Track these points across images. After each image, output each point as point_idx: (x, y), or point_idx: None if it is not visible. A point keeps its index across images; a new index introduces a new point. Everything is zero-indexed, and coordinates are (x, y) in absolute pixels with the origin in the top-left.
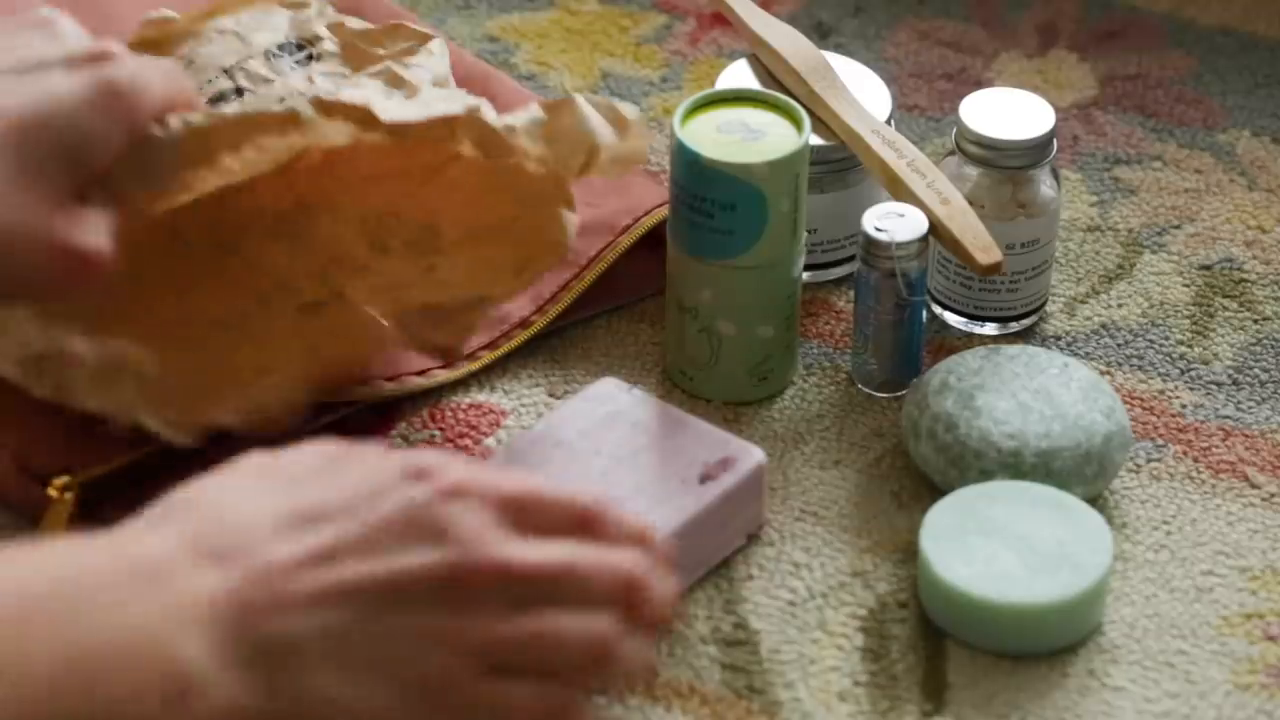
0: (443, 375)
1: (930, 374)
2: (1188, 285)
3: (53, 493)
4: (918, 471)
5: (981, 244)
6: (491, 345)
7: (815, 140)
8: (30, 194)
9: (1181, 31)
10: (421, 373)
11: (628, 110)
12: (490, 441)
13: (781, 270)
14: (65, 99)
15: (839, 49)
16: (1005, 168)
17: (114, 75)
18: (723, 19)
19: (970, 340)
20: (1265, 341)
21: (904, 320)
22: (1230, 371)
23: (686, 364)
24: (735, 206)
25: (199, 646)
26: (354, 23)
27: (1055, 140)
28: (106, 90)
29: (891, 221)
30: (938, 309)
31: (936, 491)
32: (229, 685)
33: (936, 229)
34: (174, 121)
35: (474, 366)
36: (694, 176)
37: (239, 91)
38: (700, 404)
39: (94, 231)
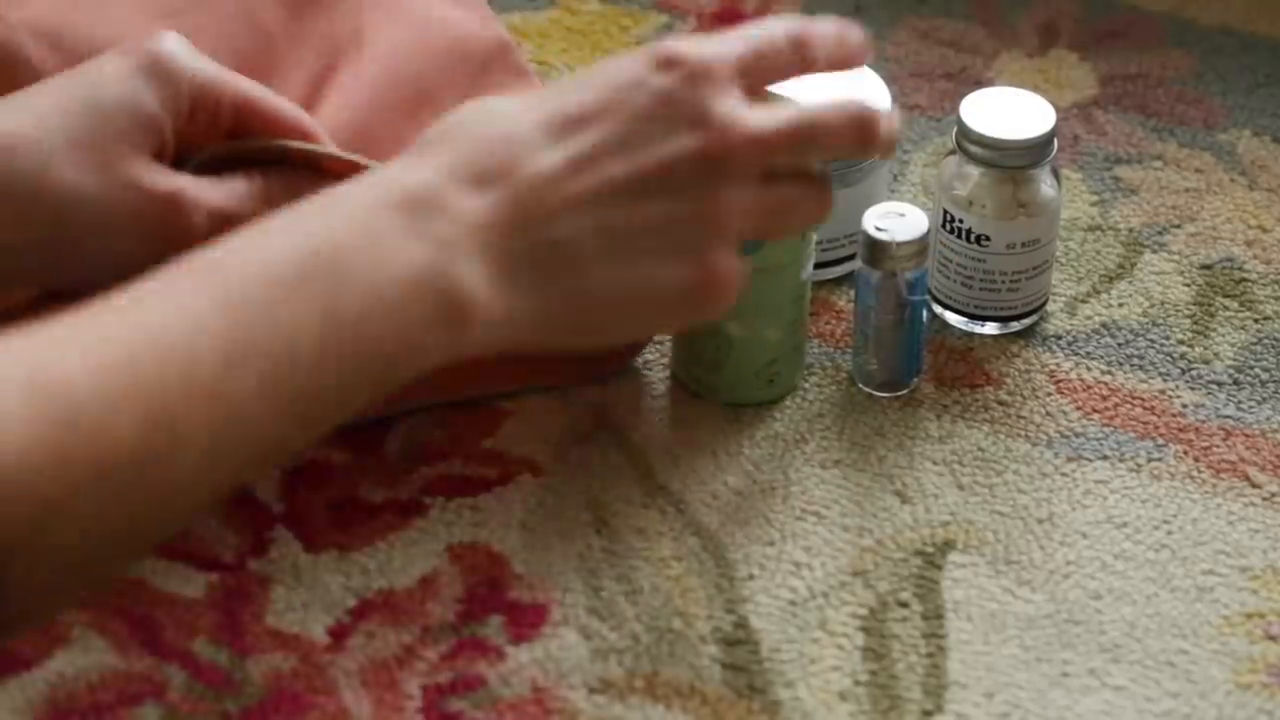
0: None
1: None
2: (1188, 285)
3: None
4: (919, 471)
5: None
6: None
7: None
8: (97, 151)
9: (1182, 31)
10: None
11: None
12: (489, 444)
13: (789, 273)
14: (106, 69)
15: None
16: (1006, 167)
17: (153, 46)
18: (724, 19)
19: (970, 340)
20: (1266, 341)
21: (904, 320)
22: (1231, 371)
23: (694, 365)
24: None
25: (475, 270)
26: None
27: (1056, 140)
28: (145, 57)
29: (891, 221)
30: (938, 309)
31: (939, 492)
32: (508, 298)
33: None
34: None
35: None
36: None
37: None
38: (703, 405)
39: (176, 179)
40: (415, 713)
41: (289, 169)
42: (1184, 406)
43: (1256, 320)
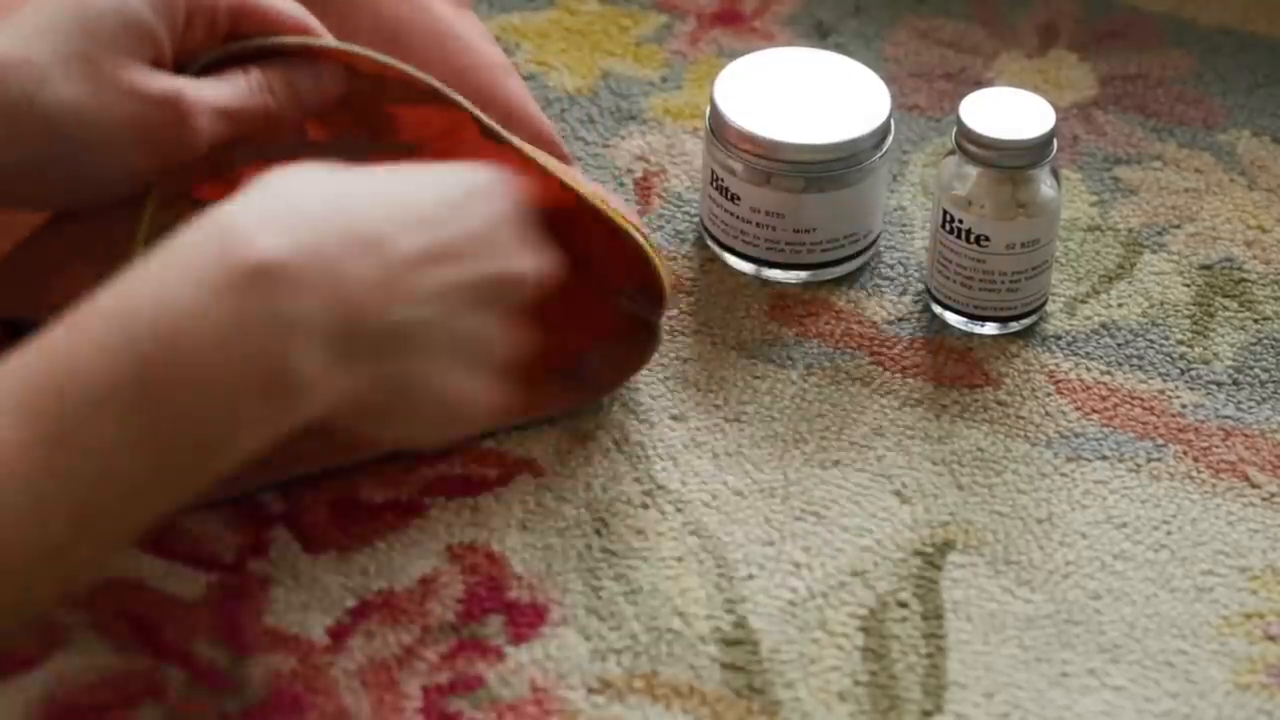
0: None
1: None
2: (1188, 285)
3: None
4: (918, 471)
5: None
6: None
7: (813, 140)
8: (89, 63)
9: (1181, 31)
10: None
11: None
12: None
13: None
14: None
15: (839, 49)
16: (1005, 167)
17: None
18: (723, 19)
19: (970, 340)
20: (1265, 341)
21: None
22: (1230, 371)
23: None
24: None
25: (310, 353)
26: None
27: (1055, 140)
28: None
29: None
30: (937, 309)
31: (938, 492)
32: (335, 383)
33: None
34: None
35: None
36: None
37: None
38: (703, 405)
39: (174, 81)
40: (415, 713)
41: (287, 61)
42: (1183, 407)
43: (1256, 320)
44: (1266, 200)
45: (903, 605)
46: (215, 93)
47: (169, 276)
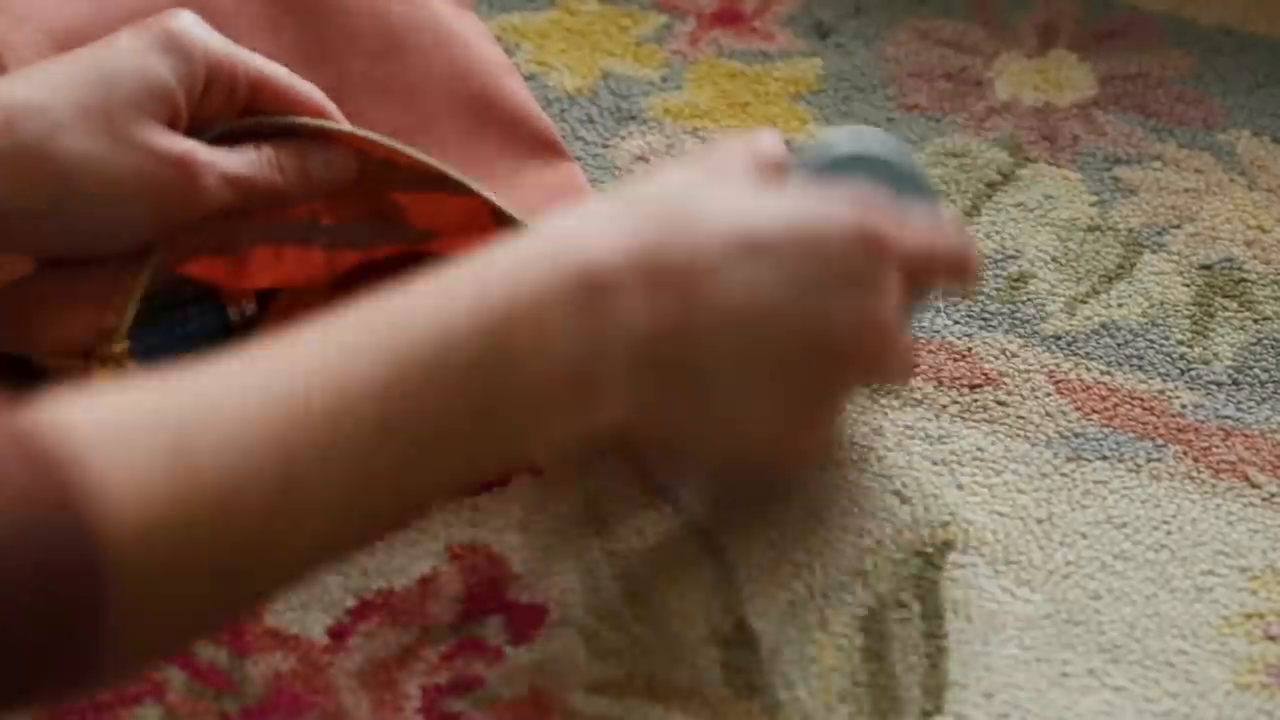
0: None
1: None
2: (1188, 285)
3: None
4: (918, 471)
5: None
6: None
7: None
8: (106, 117)
9: (1181, 31)
10: None
11: None
12: None
13: None
14: (119, 43)
15: (839, 49)
16: None
17: (167, 22)
18: (723, 19)
19: (970, 340)
20: (1265, 341)
21: None
22: (1230, 371)
23: None
24: None
25: (617, 368)
26: None
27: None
28: (160, 32)
29: None
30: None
31: (938, 492)
32: (633, 396)
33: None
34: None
35: None
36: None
37: None
38: None
39: (187, 143)
40: (414, 713)
41: (299, 141)
42: (1183, 407)
43: (1256, 320)
44: (1266, 200)
45: (903, 605)
46: (226, 160)
47: (520, 281)
